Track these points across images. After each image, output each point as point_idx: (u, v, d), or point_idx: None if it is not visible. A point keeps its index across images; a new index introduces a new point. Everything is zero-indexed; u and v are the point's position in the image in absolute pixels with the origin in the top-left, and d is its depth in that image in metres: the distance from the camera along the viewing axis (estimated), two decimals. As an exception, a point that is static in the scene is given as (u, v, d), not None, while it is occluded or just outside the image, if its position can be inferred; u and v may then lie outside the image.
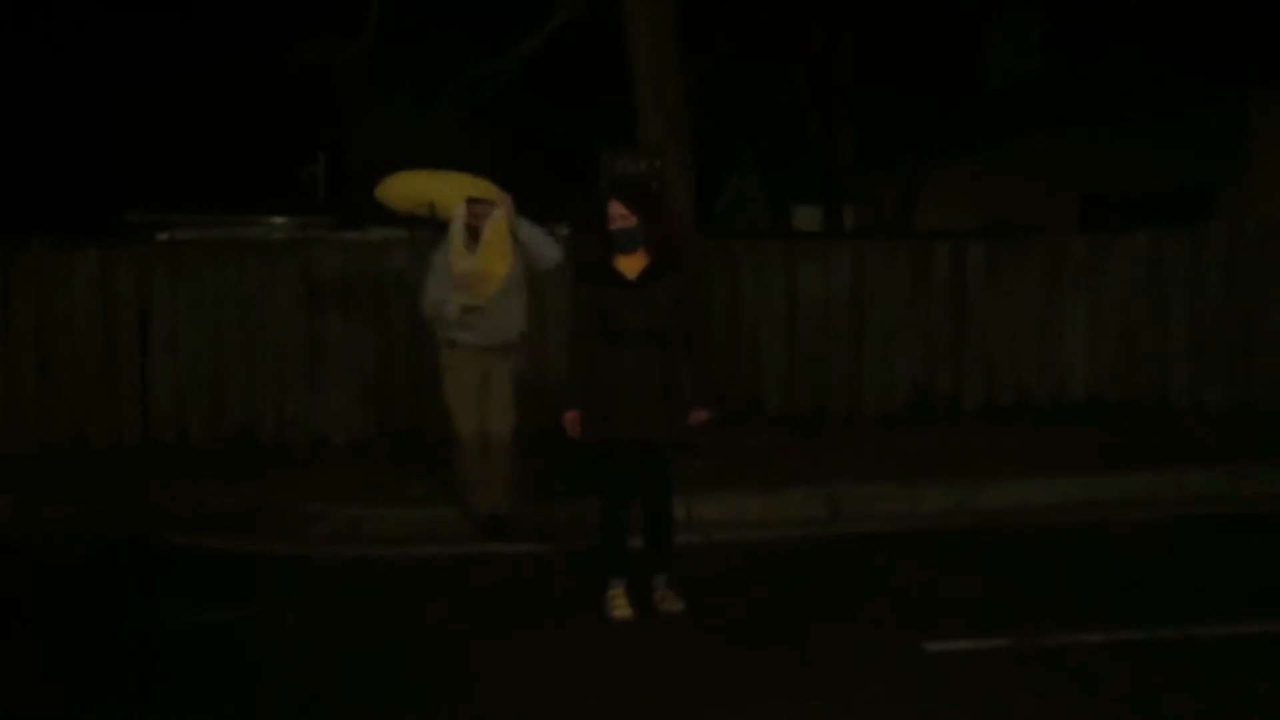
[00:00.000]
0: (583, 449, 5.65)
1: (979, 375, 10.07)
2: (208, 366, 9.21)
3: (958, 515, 7.35)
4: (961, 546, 6.72)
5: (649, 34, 8.54)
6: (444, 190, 6.89)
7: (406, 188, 7.07)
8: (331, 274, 9.31)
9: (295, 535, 7.08)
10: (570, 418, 5.51)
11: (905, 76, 16.14)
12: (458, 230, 6.78)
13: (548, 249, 6.88)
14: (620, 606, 5.43)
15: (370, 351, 9.34)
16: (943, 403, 9.97)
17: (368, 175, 7.61)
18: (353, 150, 13.37)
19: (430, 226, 7.30)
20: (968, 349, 10.04)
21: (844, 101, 17.83)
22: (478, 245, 6.72)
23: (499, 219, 6.72)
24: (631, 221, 5.44)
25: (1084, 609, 5.45)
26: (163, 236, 9.91)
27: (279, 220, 11.25)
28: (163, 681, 4.80)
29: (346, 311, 9.30)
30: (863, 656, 4.88)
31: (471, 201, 6.74)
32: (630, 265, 5.46)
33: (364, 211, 10.53)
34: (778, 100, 17.28)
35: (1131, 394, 10.00)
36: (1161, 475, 7.77)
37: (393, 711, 4.46)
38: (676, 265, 5.51)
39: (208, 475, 8.17)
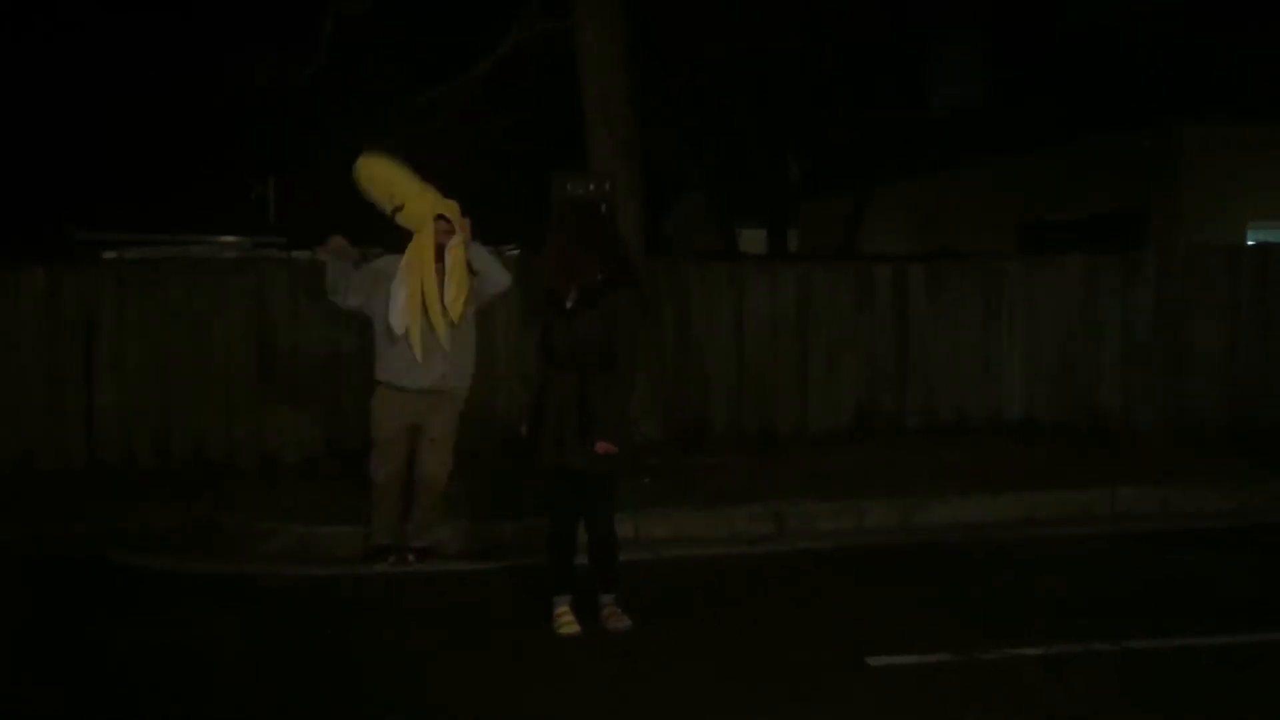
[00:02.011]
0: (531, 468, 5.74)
1: (920, 394, 10.30)
2: (155, 386, 9.17)
3: (899, 532, 7.51)
4: (903, 562, 6.88)
5: (601, 62, 8.68)
6: (417, 196, 6.61)
7: (384, 176, 6.71)
8: (280, 293, 9.33)
9: (244, 554, 7.09)
10: (526, 432, 5.60)
11: (850, 104, 16.46)
12: (426, 244, 6.54)
13: (499, 273, 6.75)
14: (567, 623, 5.48)
15: (319, 370, 9.35)
16: (885, 421, 10.18)
17: (318, 196, 7.64)
18: (303, 171, 13.37)
19: (383, 247, 7.31)
20: (909, 369, 10.26)
21: (790, 127, 18.11)
22: (444, 268, 6.54)
23: (457, 246, 6.55)
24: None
25: (1021, 623, 5.60)
26: (110, 255, 9.85)
27: (229, 240, 11.22)
28: (104, 701, 4.78)
29: (295, 331, 9.31)
30: (807, 671, 4.97)
31: (439, 218, 6.55)
32: (569, 292, 5.48)
33: (314, 232, 10.56)
34: (725, 125, 17.52)
35: (1066, 413, 10.27)
36: (1095, 493, 7.99)
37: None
38: (607, 293, 5.43)
39: (155, 495, 8.15)
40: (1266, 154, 14.52)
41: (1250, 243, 13.99)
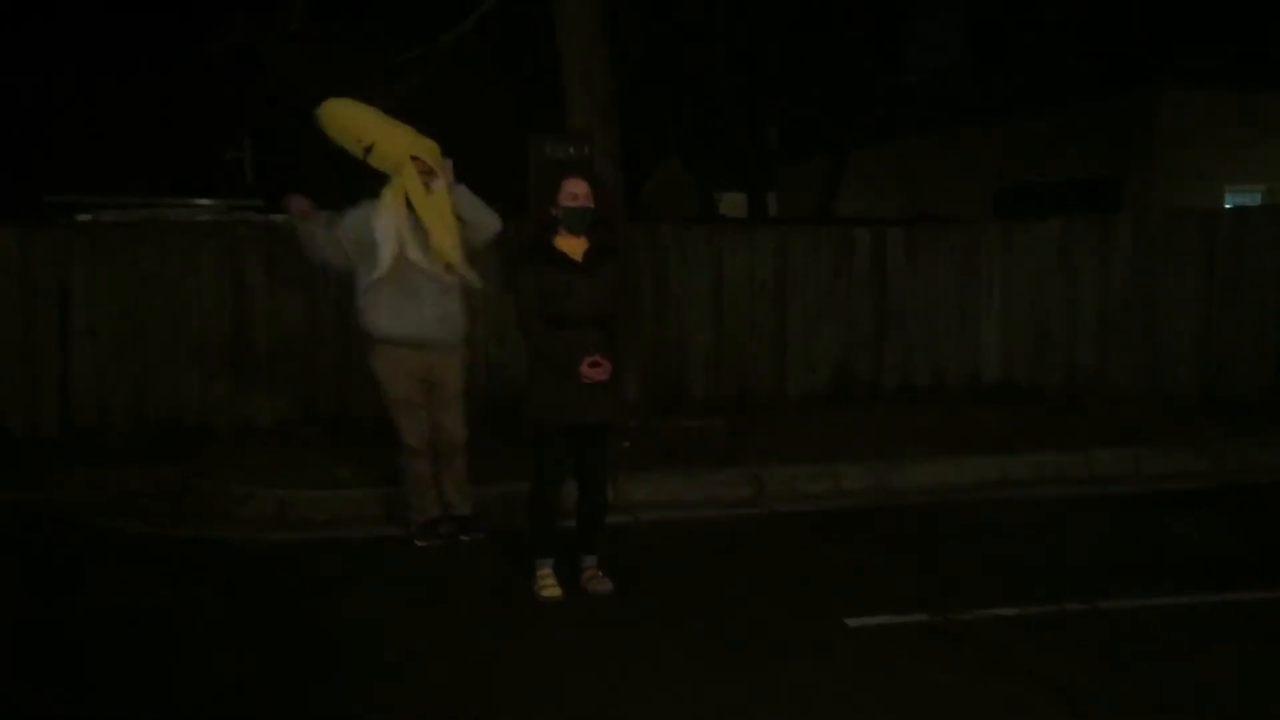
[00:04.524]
0: (513, 431, 5.71)
1: (897, 358, 10.34)
2: (130, 350, 9.10)
3: (877, 494, 7.55)
4: (880, 524, 6.92)
5: (579, 24, 8.60)
6: (390, 137, 6.25)
7: (351, 119, 6.33)
8: (256, 256, 9.25)
9: (220, 519, 7.05)
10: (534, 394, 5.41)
11: (828, 68, 16.42)
12: (414, 188, 6.17)
13: (488, 217, 6.35)
14: (549, 586, 5.48)
15: (296, 334, 9.30)
16: (862, 384, 10.23)
17: (294, 158, 7.56)
18: (279, 133, 13.22)
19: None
20: (887, 332, 10.30)
21: (768, 91, 18.06)
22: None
23: (441, 190, 6.23)
24: (590, 203, 5.37)
25: (997, 584, 5.65)
26: (84, 218, 9.74)
27: (204, 202, 11.09)
28: (80, 666, 4.77)
29: (272, 294, 9.25)
30: (786, 632, 5.01)
31: (414, 159, 6.21)
32: (573, 247, 5.39)
33: (290, 193, 10.45)
34: (703, 89, 17.46)
35: (1043, 376, 10.33)
36: (1070, 455, 8.05)
37: (317, 694, 4.47)
38: (614, 248, 5.52)
39: (131, 460, 8.10)
40: (1243, 119, 14.57)
41: (1227, 206, 14.07)
